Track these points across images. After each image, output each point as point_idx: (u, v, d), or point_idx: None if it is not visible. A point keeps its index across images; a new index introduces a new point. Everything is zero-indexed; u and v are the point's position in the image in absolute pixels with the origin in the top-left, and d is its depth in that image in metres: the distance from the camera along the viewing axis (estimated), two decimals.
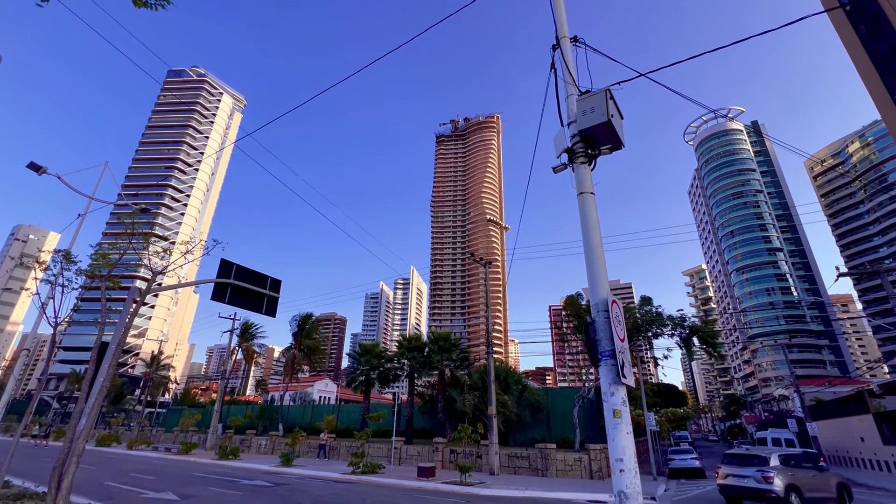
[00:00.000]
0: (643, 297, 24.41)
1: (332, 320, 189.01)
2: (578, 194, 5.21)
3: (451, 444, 20.80)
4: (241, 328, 38.00)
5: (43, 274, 14.42)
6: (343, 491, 13.94)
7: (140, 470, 18.45)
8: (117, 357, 10.70)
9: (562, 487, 14.57)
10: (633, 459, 3.93)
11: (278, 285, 14.75)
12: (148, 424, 46.88)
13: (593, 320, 4.55)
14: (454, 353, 26.79)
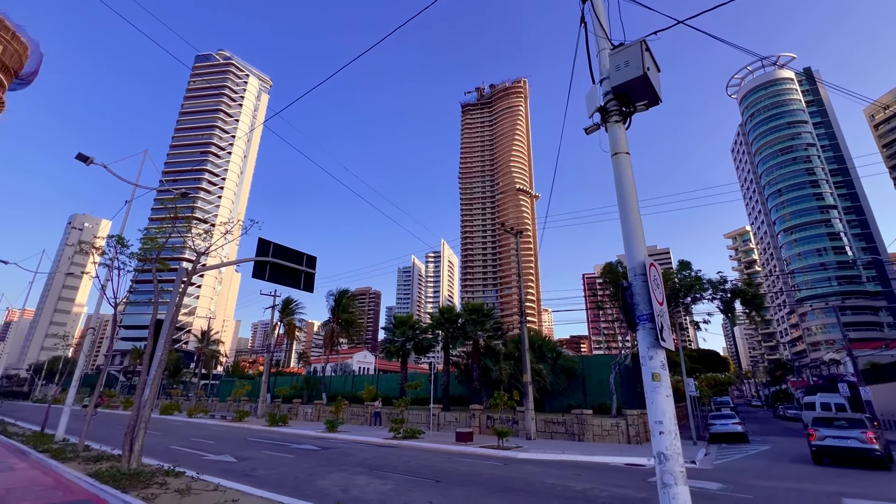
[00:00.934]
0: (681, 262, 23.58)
1: (367, 295, 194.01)
2: (612, 155, 4.99)
3: (488, 411, 21.31)
4: (281, 304, 39.70)
5: (100, 258, 15.44)
6: (386, 454, 14.64)
7: (200, 435, 20.01)
8: (171, 333, 11.45)
9: (599, 452, 14.73)
10: (673, 421, 3.89)
11: (314, 262, 15.19)
12: (204, 395, 50.45)
13: (630, 284, 4.44)
14: (487, 323, 27.05)
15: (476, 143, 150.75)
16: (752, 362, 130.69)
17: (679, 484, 3.66)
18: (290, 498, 7.65)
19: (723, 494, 9.19)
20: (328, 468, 11.68)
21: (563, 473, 11.16)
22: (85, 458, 11.56)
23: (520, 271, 21.41)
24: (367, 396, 27.53)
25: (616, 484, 9.88)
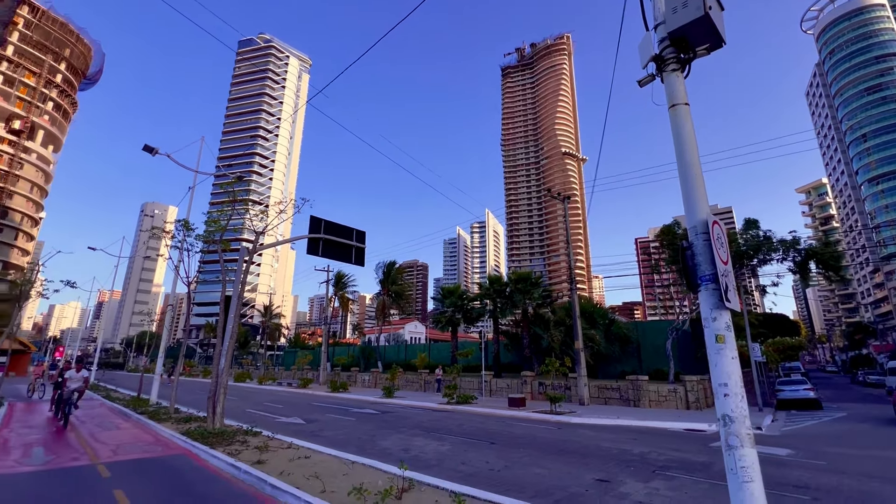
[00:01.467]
0: (748, 221, 21.88)
1: (415, 267, 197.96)
2: (670, 107, 4.65)
3: (539, 378, 21.47)
4: (334, 279, 41.46)
5: (171, 241, 16.77)
6: (441, 418, 15.26)
7: (271, 400, 21.78)
8: (239, 308, 12.36)
9: (656, 417, 14.50)
10: (739, 384, 3.75)
11: (363, 236, 15.65)
12: (270, 364, 54.54)
13: (691, 244, 4.22)
14: (535, 292, 26.85)
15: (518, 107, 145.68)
16: (827, 326, 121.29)
17: (745, 446, 3.55)
18: (356, 456, 8.22)
19: (793, 460, 8.82)
20: (388, 430, 12.39)
21: (619, 437, 11.13)
22: (176, 419, 12.99)
23: (568, 238, 20.89)
24: (420, 364, 28.55)
25: (675, 448, 9.74)
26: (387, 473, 6.89)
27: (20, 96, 63.16)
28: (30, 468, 7.65)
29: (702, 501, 5.99)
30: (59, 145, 71.64)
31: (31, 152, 64.74)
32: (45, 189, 69.04)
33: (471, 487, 6.15)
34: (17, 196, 62.80)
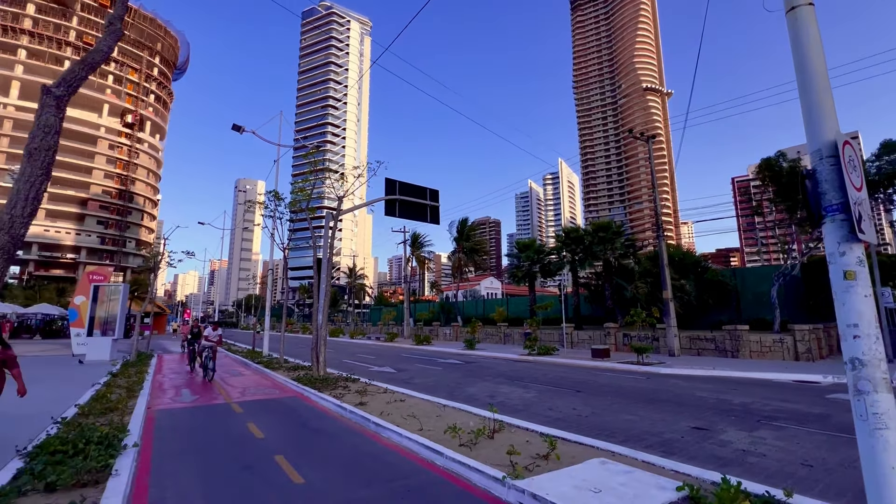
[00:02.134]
0: (885, 144, 18.37)
1: (487, 224, 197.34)
2: (788, 11, 3.95)
3: (624, 329, 20.82)
4: (411, 239, 42.90)
5: (263, 212, 18.32)
6: (523, 368, 15.59)
7: (363, 352, 23.74)
8: (330, 267, 13.36)
9: (758, 368, 13.47)
10: (873, 324, 3.31)
11: (437, 195, 15.83)
12: (359, 320, 59.00)
13: (813, 170, 3.68)
14: (617, 241, 25.54)
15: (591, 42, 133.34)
16: None
17: (879, 391, 3.18)
18: (446, 400, 8.76)
19: None
20: (473, 378, 12.96)
21: (716, 388, 10.57)
22: (286, 367, 14.75)
23: (653, 181, 19.28)
24: (499, 318, 29.05)
25: (783, 399, 9.04)
26: (477, 416, 7.28)
27: (128, 92, 71.00)
28: (182, 405, 9.24)
29: (817, 452, 5.57)
30: (163, 133, 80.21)
31: (143, 142, 73.38)
32: (158, 174, 78.41)
33: (560, 430, 6.29)
34: (138, 182, 72.20)
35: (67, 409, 7.68)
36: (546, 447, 5.32)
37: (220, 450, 5.99)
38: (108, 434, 5.62)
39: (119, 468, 4.70)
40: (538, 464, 4.86)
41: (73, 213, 64.43)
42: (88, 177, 65.83)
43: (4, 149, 60.34)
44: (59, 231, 63.12)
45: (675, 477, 4.41)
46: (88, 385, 10.65)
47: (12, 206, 2.28)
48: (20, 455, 4.89)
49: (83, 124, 64.86)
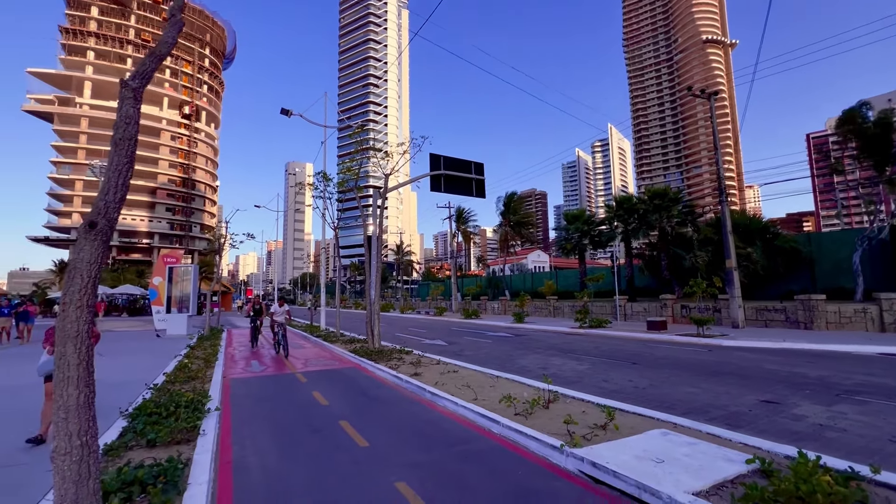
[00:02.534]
0: None
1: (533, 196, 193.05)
2: None
3: (682, 300, 19.91)
4: (456, 214, 42.91)
5: (313, 193, 18.93)
6: (575, 341, 15.40)
7: (414, 326, 24.41)
8: (381, 245, 13.69)
9: (836, 340, 12.46)
10: None
11: (481, 168, 15.61)
12: (408, 296, 60.50)
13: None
14: (674, 208, 24.15)
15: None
16: None
17: None
18: (499, 371, 8.87)
19: None
20: (524, 351, 13.00)
21: (788, 361, 9.93)
22: (343, 340, 15.49)
23: (716, 142, 17.85)
24: (548, 291, 28.69)
25: (868, 373, 8.34)
26: (530, 387, 7.32)
27: (184, 84, 74.84)
28: (253, 374, 10.01)
29: None
30: (218, 122, 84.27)
31: (200, 132, 77.58)
32: (215, 161, 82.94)
33: (617, 402, 6.20)
34: (198, 170, 76.83)
35: (157, 377, 8.56)
36: (604, 417, 5.28)
37: (289, 415, 6.46)
38: (193, 399, 6.21)
39: (205, 429, 5.20)
40: (596, 434, 4.84)
41: (145, 201, 69.96)
42: (156, 167, 70.86)
43: (84, 145, 66.06)
44: (134, 219, 68.94)
45: (744, 450, 4.23)
46: (171, 356, 11.78)
47: (105, 192, 2.49)
48: (123, 416, 5.54)
49: (147, 118, 69.45)
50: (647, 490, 3.46)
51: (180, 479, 3.71)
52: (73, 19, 67.14)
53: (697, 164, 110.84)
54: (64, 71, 66.24)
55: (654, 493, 3.40)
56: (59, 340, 2.33)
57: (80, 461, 2.23)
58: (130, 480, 3.54)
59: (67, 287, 2.40)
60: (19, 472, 4.16)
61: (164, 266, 21.51)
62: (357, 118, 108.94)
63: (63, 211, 66.01)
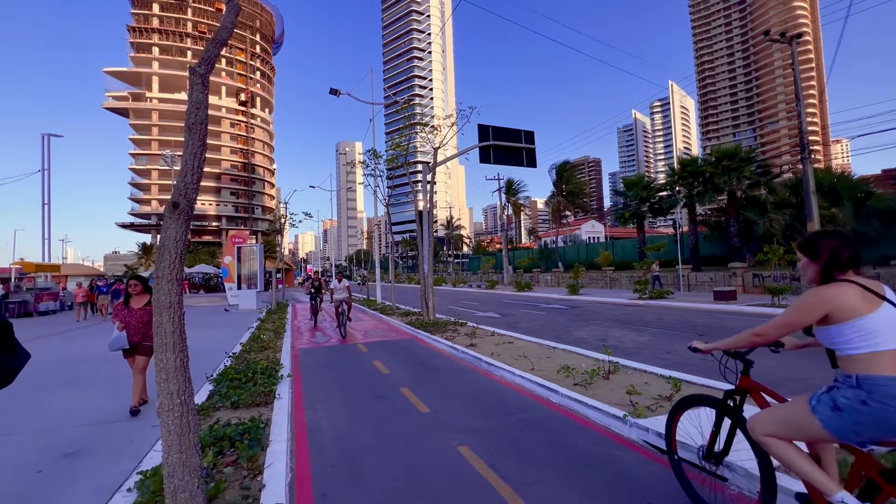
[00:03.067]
0: None
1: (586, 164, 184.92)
2: None
3: (754, 269, 18.50)
4: (505, 186, 42.16)
5: (364, 170, 19.28)
6: (634, 312, 14.86)
7: (466, 299, 24.67)
8: (432, 219, 13.80)
9: None
10: None
11: (532, 136, 15.12)
12: (459, 270, 61.01)
13: None
14: (745, 169, 22.15)
15: None
16: None
17: None
18: (555, 343, 8.79)
19: None
20: (580, 322, 12.75)
21: None
22: (398, 313, 16.00)
23: (798, 91, 15.95)
24: (604, 262, 27.76)
25: None
26: (589, 358, 7.20)
27: (238, 72, 78.06)
28: (318, 345, 10.64)
29: None
30: (271, 107, 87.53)
31: (256, 118, 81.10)
32: (271, 145, 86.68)
33: (683, 373, 5.95)
34: (256, 155, 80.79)
35: (234, 346, 9.35)
36: (669, 388, 5.10)
37: (354, 382, 6.84)
38: (267, 367, 6.73)
39: (280, 393, 5.64)
40: (661, 405, 4.69)
41: (212, 187, 74.97)
42: (219, 154, 75.35)
43: (156, 137, 71.46)
44: (203, 203, 74.28)
45: None
46: (245, 328, 12.78)
47: (183, 175, 2.66)
48: (209, 380, 6.13)
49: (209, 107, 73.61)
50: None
51: (262, 436, 4.07)
52: (138, 18, 71.60)
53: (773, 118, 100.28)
54: (134, 68, 71.29)
55: (728, 465, 3.26)
56: (156, 311, 2.58)
57: (180, 416, 2.50)
58: (221, 436, 3.93)
59: (158, 263, 2.63)
60: (128, 427, 4.76)
61: (232, 246, 23.11)
62: (402, 93, 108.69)
63: (143, 199, 72.45)
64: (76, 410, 5.42)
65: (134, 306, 5.35)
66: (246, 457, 3.60)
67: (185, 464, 2.48)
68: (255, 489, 3.12)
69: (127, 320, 5.25)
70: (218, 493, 3.00)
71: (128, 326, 5.21)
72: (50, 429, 4.77)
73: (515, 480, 3.36)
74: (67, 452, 4.06)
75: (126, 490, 3.15)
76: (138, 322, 5.27)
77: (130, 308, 5.33)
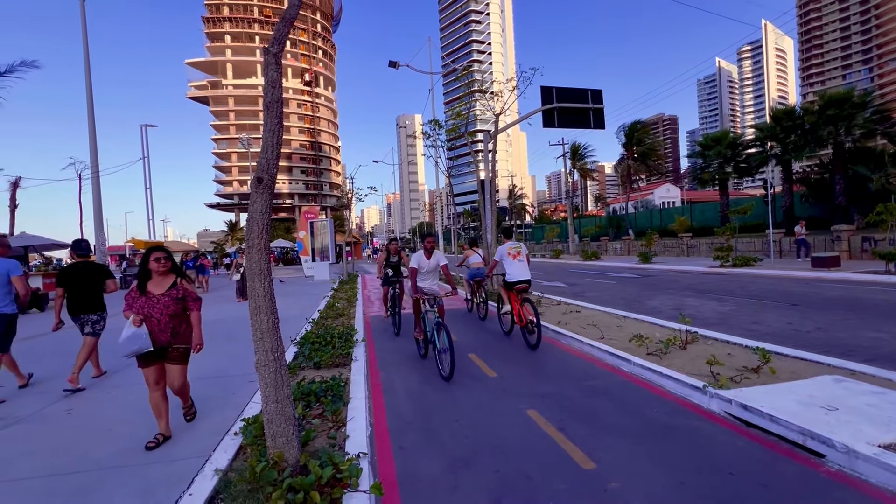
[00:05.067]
0: None
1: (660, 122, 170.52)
2: None
3: (863, 231, 16.28)
4: (570, 151, 40.25)
5: (425, 141, 19.33)
6: (715, 280, 13.81)
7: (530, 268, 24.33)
8: (494, 188, 13.64)
9: None
10: None
11: (599, 95, 14.25)
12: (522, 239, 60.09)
13: None
14: (858, 117, 19.17)
15: None
16: None
17: None
18: (626, 312, 8.47)
19: None
20: (652, 292, 12.12)
21: None
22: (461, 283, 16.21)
23: None
24: (680, 228, 25.91)
25: None
26: (663, 327, 6.87)
27: (302, 53, 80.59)
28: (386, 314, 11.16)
29: None
30: (334, 85, 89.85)
31: (320, 97, 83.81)
32: (335, 123, 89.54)
33: (772, 345, 5.49)
34: (322, 133, 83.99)
35: (313, 313, 10.10)
36: (756, 360, 4.74)
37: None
38: (343, 332, 7.22)
39: (356, 356, 6.05)
40: (746, 376, 4.40)
41: (283, 166, 79.56)
42: (289, 134, 79.34)
43: (233, 122, 76.67)
44: (277, 182, 79.29)
45: None
46: (321, 297, 13.71)
47: (264, 151, 2.86)
48: (294, 343, 6.71)
49: None
50: (815, 437, 3.08)
51: (343, 393, 4.42)
52: (211, 9, 75.87)
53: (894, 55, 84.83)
54: (210, 57, 76.28)
55: (824, 440, 3.01)
56: (249, 277, 2.85)
57: (275, 371, 2.78)
58: (307, 392, 4.33)
59: (248, 234, 2.89)
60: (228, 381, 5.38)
61: (306, 221, 24.60)
62: (460, 60, 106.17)
63: (225, 180, 78.84)
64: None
65: (154, 291, 3.60)
66: (330, 410, 3.94)
67: (280, 412, 2.79)
68: (341, 439, 3.43)
69: (147, 312, 3.52)
70: (308, 441, 3.34)
71: (148, 321, 3.51)
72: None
73: (586, 444, 3.37)
74: None
75: (233, 434, 3.61)
76: (163, 314, 3.57)
77: (149, 294, 3.58)
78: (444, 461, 3.23)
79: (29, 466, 3.33)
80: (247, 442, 3.30)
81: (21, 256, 22.57)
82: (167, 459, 3.32)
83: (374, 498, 2.63)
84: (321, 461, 2.76)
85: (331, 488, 2.56)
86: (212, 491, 2.71)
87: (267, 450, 2.85)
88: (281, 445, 2.77)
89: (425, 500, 2.75)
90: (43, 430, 4.08)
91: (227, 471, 2.95)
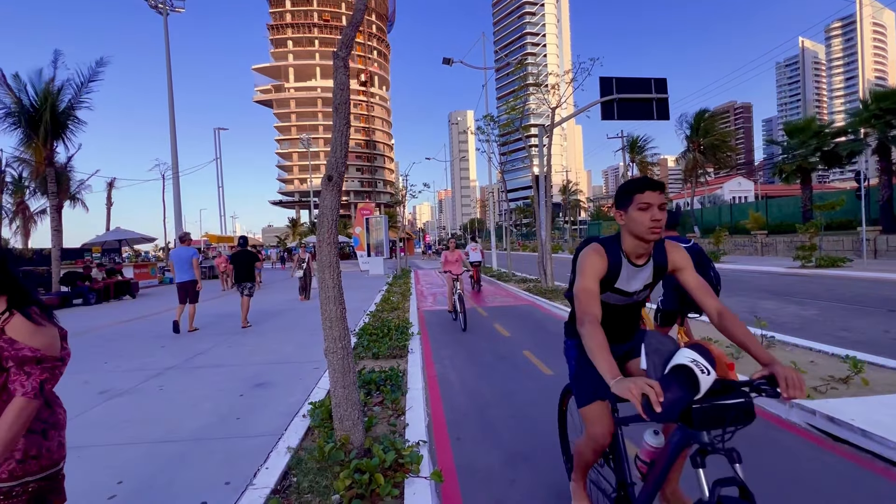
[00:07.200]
0: None
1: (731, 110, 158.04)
2: None
3: None
4: (628, 144, 38.42)
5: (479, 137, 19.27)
6: (795, 282, 12.66)
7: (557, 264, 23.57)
8: (549, 183, 13.36)
9: None
10: None
11: (663, 84, 13.55)
12: (577, 237, 58.30)
13: None
14: None
15: None
16: None
17: None
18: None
19: None
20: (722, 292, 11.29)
21: None
22: (515, 280, 16.07)
23: None
24: (754, 225, 23.95)
25: None
26: None
27: (358, 54, 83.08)
28: (441, 307, 11.33)
29: None
30: (388, 85, 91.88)
31: (374, 96, 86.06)
32: (389, 122, 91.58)
33: (863, 353, 4.95)
34: (376, 132, 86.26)
35: (369, 306, 10.47)
36: (845, 369, 4.32)
37: (477, 342, 7.17)
38: (399, 325, 7.44)
39: (412, 348, 6.21)
40: (833, 387, 4.02)
41: None
42: None
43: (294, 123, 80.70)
44: None
45: None
46: (376, 291, 14.17)
47: (333, 151, 3.02)
48: (353, 334, 7.01)
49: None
50: None
51: (401, 383, 4.57)
52: (275, 16, 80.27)
53: None
54: (274, 63, 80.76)
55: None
56: (319, 269, 3.04)
57: (342, 358, 2.95)
58: (368, 381, 4.52)
59: (319, 229, 3.07)
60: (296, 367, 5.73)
61: (361, 217, 25.47)
62: (514, 54, 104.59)
63: (287, 179, 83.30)
64: (258, 352, 6.71)
65: None
66: (390, 399, 4.10)
67: (347, 398, 2.95)
68: (400, 427, 3.56)
69: None
70: (371, 426, 3.50)
71: None
72: (242, 364, 6.01)
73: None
74: (258, 383, 5.10)
75: (301, 416, 3.86)
76: None
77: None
78: (501, 455, 3.26)
79: (130, 434, 3.77)
80: (314, 424, 3.52)
81: (115, 249, 25.28)
82: (245, 435, 3.62)
83: (433, 484, 2.72)
84: (384, 446, 2.88)
85: (393, 472, 2.67)
86: (285, 467, 2.93)
87: (334, 432, 3.02)
88: (347, 429, 2.93)
89: (483, 491, 2.80)
90: (140, 403, 4.59)
91: (297, 449, 3.16)
